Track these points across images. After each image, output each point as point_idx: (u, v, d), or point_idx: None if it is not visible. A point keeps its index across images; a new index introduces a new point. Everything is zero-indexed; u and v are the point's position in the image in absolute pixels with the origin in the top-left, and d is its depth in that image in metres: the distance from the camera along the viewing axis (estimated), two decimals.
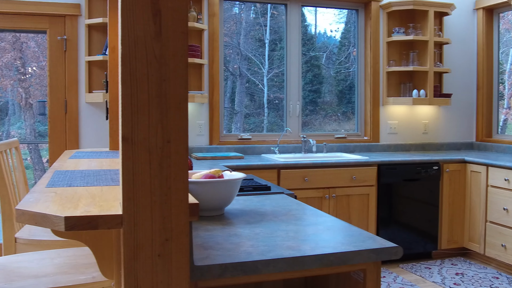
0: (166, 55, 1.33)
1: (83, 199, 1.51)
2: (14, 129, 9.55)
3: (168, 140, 1.33)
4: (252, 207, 2.32)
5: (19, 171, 2.91)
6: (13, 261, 2.15)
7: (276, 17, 5.72)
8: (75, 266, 2.07)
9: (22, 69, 9.37)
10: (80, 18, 4.63)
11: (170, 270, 1.36)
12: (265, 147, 5.14)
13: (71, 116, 4.60)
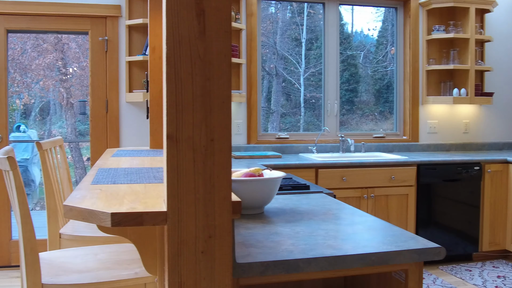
0: (209, 54, 1.35)
1: (128, 196, 1.54)
2: (55, 128, 9.78)
3: (211, 139, 1.34)
4: (292, 206, 2.32)
5: (63, 169, 2.99)
6: (58, 256, 2.21)
7: (313, 16, 5.69)
8: (118, 262, 2.11)
9: (64, 70, 9.59)
10: (121, 19, 4.71)
11: (213, 267, 1.37)
12: (302, 146, 5.13)
13: (112, 115, 4.69)
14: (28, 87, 9.23)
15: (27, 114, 9.36)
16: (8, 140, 4.63)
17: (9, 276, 4.43)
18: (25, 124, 8.88)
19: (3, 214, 4.61)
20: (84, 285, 1.87)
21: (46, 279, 1.89)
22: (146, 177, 1.92)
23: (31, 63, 8.99)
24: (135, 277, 1.93)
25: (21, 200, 1.79)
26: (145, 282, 1.93)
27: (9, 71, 4.73)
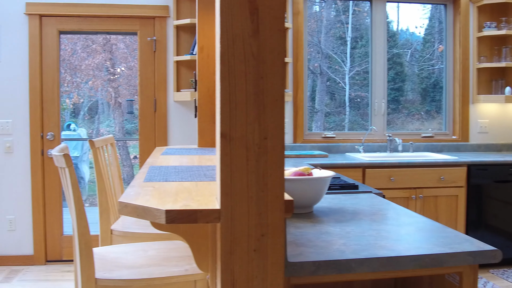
0: (263, 53, 1.35)
1: (181, 193, 1.56)
2: (103, 127, 10.01)
3: (265, 137, 1.34)
4: (341, 205, 2.30)
5: (114, 166, 3.05)
6: (110, 252, 2.25)
7: (357, 14, 5.63)
8: (167, 259, 2.14)
9: (112, 70, 9.80)
10: (169, 19, 4.77)
11: (266, 265, 1.37)
12: (349, 145, 5.08)
13: (160, 114, 4.76)
14: (77, 87, 9.47)
15: (76, 113, 9.61)
16: (60, 138, 4.76)
17: (61, 270, 4.56)
18: (75, 123, 9.12)
19: (55, 210, 4.75)
20: (136, 281, 1.90)
21: (99, 274, 1.93)
22: (196, 175, 1.94)
23: (81, 64, 9.22)
24: (185, 274, 1.95)
25: (76, 196, 1.84)
26: (195, 279, 1.95)
27: (60, 72, 4.86)
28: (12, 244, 4.70)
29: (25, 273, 4.47)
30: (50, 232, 4.75)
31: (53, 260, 4.77)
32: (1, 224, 4.69)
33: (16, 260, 4.69)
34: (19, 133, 4.67)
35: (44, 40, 4.70)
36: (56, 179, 4.73)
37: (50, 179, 4.73)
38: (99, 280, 1.91)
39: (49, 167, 4.72)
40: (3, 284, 4.18)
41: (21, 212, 4.70)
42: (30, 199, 4.69)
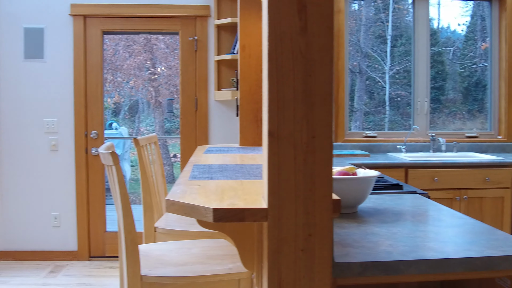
0: (311, 50, 1.33)
1: (227, 192, 1.56)
2: (143, 126, 10.16)
3: (313, 136, 1.33)
4: (386, 206, 2.26)
5: (157, 164, 3.09)
6: (154, 249, 2.28)
7: (398, 12, 5.54)
8: (211, 257, 2.15)
9: (152, 69, 9.93)
10: (210, 19, 4.80)
11: (313, 265, 1.36)
12: (390, 145, 5.00)
13: (201, 113, 4.80)
14: (119, 87, 9.64)
15: (117, 112, 9.78)
16: (103, 137, 4.85)
17: (104, 266, 4.64)
18: (117, 122, 9.28)
19: (98, 207, 4.84)
20: (181, 278, 1.92)
21: (144, 271, 1.96)
22: (241, 174, 1.94)
23: (123, 64, 9.38)
24: (229, 273, 1.95)
25: (122, 193, 1.86)
26: (239, 278, 1.95)
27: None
28: (57, 240, 4.82)
29: (69, 269, 4.57)
30: (93, 228, 4.85)
31: (96, 256, 4.86)
32: (47, 220, 4.81)
33: (61, 256, 4.81)
34: (64, 131, 4.78)
35: (88, 41, 4.80)
36: (99, 176, 4.83)
37: (94, 177, 4.82)
38: (145, 277, 1.93)
39: (93, 165, 4.82)
40: (48, 278, 4.29)
41: (65, 209, 4.81)
42: (75, 196, 4.80)
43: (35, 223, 4.81)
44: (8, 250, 4.81)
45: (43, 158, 4.79)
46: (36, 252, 4.80)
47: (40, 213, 4.81)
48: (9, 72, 4.75)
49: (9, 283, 4.18)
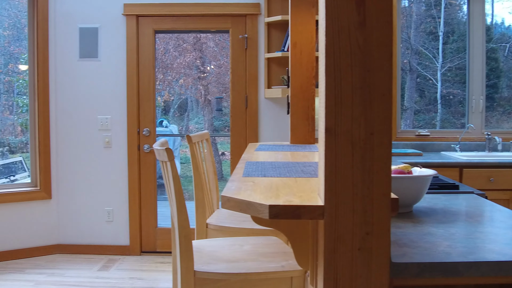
0: (370, 45, 1.30)
1: (281, 189, 1.55)
2: (192, 124, 10.28)
3: (371, 132, 1.30)
4: (441, 205, 2.20)
5: (209, 161, 3.11)
6: (206, 245, 2.29)
7: (449, 8, 5.39)
8: (263, 254, 2.14)
9: (202, 68, 10.03)
10: (260, 16, 4.80)
11: (370, 265, 1.33)
12: (444, 144, 4.87)
13: (251, 111, 4.80)
14: (169, 85, 9.79)
15: (166, 110, 9.93)
16: (155, 134, 4.93)
17: (155, 261, 4.72)
18: (167, 120, 9.42)
19: (149, 203, 4.93)
20: (233, 275, 1.92)
21: (198, 267, 1.97)
22: (294, 171, 1.92)
23: (173, 62, 9.51)
24: (282, 270, 1.94)
25: (177, 189, 1.88)
26: (291, 276, 1.94)
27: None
28: (110, 234, 4.93)
29: (122, 263, 4.66)
30: (145, 224, 4.94)
31: (147, 251, 4.95)
32: (100, 215, 4.93)
33: (113, 250, 4.92)
34: (117, 128, 4.89)
35: (141, 40, 4.88)
36: (151, 173, 4.91)
37: (146, 173, 4.91)
38: (198, 273, 1.94)
39: (145, 161, 4.90)
40: (101, 272, 4.39)
41: (118, 204, 4.92)
42: (127, 192, 4.89)
43: (89, 217, 4.94)
44: (63, 244, 4.96)
45: (97, 155, 4.91)
46: (90, 246, 4.93)
47: (94, 208, 4.93)
48: (65, 71, 4.89)
49: (64, 275, 4.31)
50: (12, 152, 7.14)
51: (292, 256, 2.12)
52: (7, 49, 7.31)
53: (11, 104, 7.31)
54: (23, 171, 7.02)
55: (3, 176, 6.80)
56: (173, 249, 2.44)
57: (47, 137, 4.86)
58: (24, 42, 6.94)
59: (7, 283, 4.14)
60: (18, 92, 7.08)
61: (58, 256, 4.86)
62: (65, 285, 4.09)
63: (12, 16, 7.49)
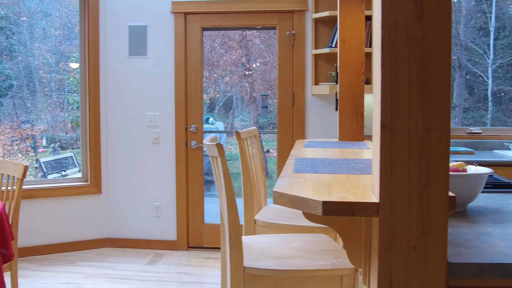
0: (427, 38, 1.26)
1: (334, 185, 1.52)
2: (237, 121, 10.32)
3: (428, 128, 1.26)
4: (497, 205, 2.12)
5: (257, 158, 3.10)
6: (255, 241, 2.29)
7: (501, 2, 5.21)
8: (313, 252, 2.12)
9: (248, 65, 10.05)
10: (307, 12, 4.76)
11: (426, 265, 1.29)
12: (497, 142, 4.72)
13: (298, 108, 4.78)
14: (215, 82, 9.86)
15: (212, 108, 10.00)
16: (202, 131, 4.97)
17: (201, 257, 4.76)
18: (213, 117, 9.49)
19: (196, 199, 4.97)
20: (283, 271, 1.91)
21: (247, 263, 1.97)
22: (345, 168, 1.90)
23: (219, 60, 9.57)
24: (332, 268, 1.91)
25: (227, 184, 1.88)
26: (341, 274, 1.91)
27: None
28: (158, 229, 5.00)
29: (169, 257, 4.73)
30: (192, 219, 4.99)
31: (194, 247, 5.00)
32: (148, 210, 5.00)
33: (161, 245, 4.99)
34: (166, 125, 4.95)
35: (188, 37, 4.92)
36: (198, 169, 4.95)
37: (193, 169, 4.96)
38: (247, 268, 1.94)
39: (192, 157, 4.95)
40: (149, 266, 4.46)
41: (166, 200, 4.98)
42: (175, 187, 4.95)
43: (138, 212, 5.03)
44: (112, 237, 5.06)
45: (146, 151, 4.98)
46: (138, 240, 5.02)
47: (142, 203, 5.02)
48: (115, 68, 4.98)
49: (113, 268, 4.39)
50: (62, 148, 7.33)
51: (342, 254, 2.10)
52: (58, 48, 7.51)
53: (62, 101, 7.52)
54: (74, 166, 7.21)
55: (54, 171, 7.00)
56: (222, 244, 2.45)
57: (98, 133, 4.97)
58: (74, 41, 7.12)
59: (59, 274, 4.26)
60: (69, 90, 7.27)
61: (107, 250, 4.97)
62: (114, 277, 4.17)
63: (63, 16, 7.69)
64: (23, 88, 7.41)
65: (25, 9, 7.37)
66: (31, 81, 7.50)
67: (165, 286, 3.99)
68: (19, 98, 7.53)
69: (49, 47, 7.50)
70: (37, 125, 7.44)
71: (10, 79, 7.23)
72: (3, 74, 7.20)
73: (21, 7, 7.28)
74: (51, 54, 7.43)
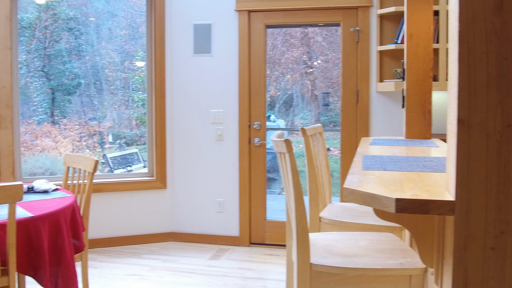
0: (507, 31, 1.22)
1: (405, 183, 1.49)
2: (297, 119, 10.29)
3: (508, 124, 1.22)
4: None
5: (322, 155, 3.09)
6: (321, 239, 2.27)
7: None
8: (380, 250, 2.09)
9: (309, 63, 10.00)
10: (372, 8, 4.68)
11: (504, 266, 1.25)
12: None
13: (362, 105, 4.71)
14: (276, 80, 9.87)
15: (272, 105, 10.02)
16: (265, 128, 4.99)
17: (263, 253, 4.78)
18: (275, 114, 9.51)
19: (259, 195, 5.00)
20: (350, 269, 1.89)
21: (314, 259, 1.96)
22: (415, 165, 1.85)
23: (280, 58, 9.58)
24: (400, 268, 1.88)
25: (295, 180, 1.88)
26: (410, 274, 1.87)
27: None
28: (220, 225, 5.07)
29: (232, 253, 4.78)
30: (254, 216, 5.02)
31: (256, 243, 5.03)
32: (211, 206, 5.08)
33: (224, 240, 5.05)
34: (229, 122, 5.00)
35: (252, 34, 4.95)
36: (261, 166, 4.97)
37: (256, 166, 4.98)
38: (314, 265, 1.93)
39: (255, 154, 4.98)
40: (212, 261, 4.52)
41: (229, 196, 5.04)
42: (238, 184, 5.00)
43: (201, 208, 5.11)
44: (176, 232, 5.17)
45: (210, 147, 5.06)
46: (201, 235, 5.10)
47: (206, 198, 5.09)
48: (180, 66, 5.08)
49: (177, 262, 4.49)
50: (127, 144, 7.56)
51: (410, 253, 2.05)
52: (123, 47, 7.73)
53: (127, 99, 7.74)
54: (139, 162, 7.41)
55: (120, 166, 7.22)
56: (288, 241, 2.45)
57: (163, 130, 5.09)
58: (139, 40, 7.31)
59: (125, 266, 4.39)
60: (134, 88, 7.47)
61: (171, 244, 5.08)
62: (178, 271, 4.26)
63: (128, 16, 7.91)
64: (90, 86, 7.68)
65: (93, 10, 7.63)
66: (98, 79, 7.77)
67: (228, 281, 4.04)
68: (86, 96, 7.82)
69: (115, 47, 7.74)
70: (103, 122, 7.70)
71: (78, 78, 7.52)
72: (71, 73, 7.50)
73: (89, 8, 7.55)
74: (117, 53, 7.66)
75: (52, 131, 7.32)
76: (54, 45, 7.36)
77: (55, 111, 7.55)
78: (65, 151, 6.93)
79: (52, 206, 2.73)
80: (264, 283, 4.00)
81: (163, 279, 4.08)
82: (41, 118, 7.35)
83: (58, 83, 7.41)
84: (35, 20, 7.22)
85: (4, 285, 2.40)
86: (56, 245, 2.67)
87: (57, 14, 7.35)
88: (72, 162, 3.52)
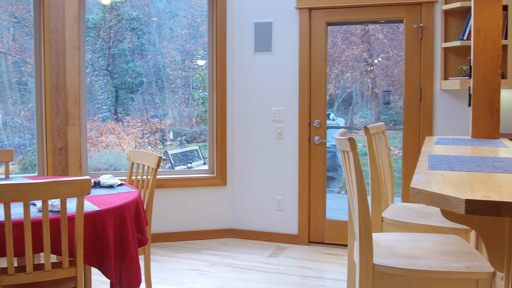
0: None
1: (475, 184, 1.45)
2: (356, 118, 10.16)
3: None
4: None
5: (385, 154, 3.04)
6: (383, 239, 2.25)
7: None
8: (445, 253, 2.04)
9: (370, 61, 9.85)
10: (437, 4, 4.57)
11: None
12: None
13: (425, 104, 4.61)
14: (335, 78, 9.78)
15: (331, 104, 9.93)
16: (326, 126, 4.96)
17: (322, 252, 4.76)
18: (334, 113, 9.44)
19: (318, 194, 4.98)
20: (413, 271, 1.86)
21: (376, 260, 1.94)
22: (484, 166, 1.80)
23: (340, 56, 9.48)
24: (467, 271, 1.83)
25: (359, 180, 1.86)
26: (477, 278, 1.82)
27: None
28: (279, 222, 5.08)
29: (290, 251, 4.78)
30: (313, 214, 5.00)
31: (315, 242, 5.01)
32: (271, 204, 5.10)
33: (282, 238, 5.06)
34: (289, 120, 5.01)
35: (313, 32, 4.93)
36: (321, 164, 4.95)
37: (316, 165, 4.97)
38: (376, 266, 1.91)
39: (315, 153, 4.96)
40: (271, 258, 4.54)
41: (288, 194, 5.05)
42: (297, 182, 5.00)
43: (261, 205, 5.14)
44: (236, 228, 5.22)
45: (270, 145, 5.08)
46: (260, 232, 5.13)
47: (265, 196, 5.12)
48: (241, 64, 5.13)
49: (237, 259, 4.54)
50: (187, 141, 7.68)
51: (477, 256, 1.99)
52: (184, 46, 7.86)
53: (187, 97, 7.87)
54: (199, 159, 7.52)
55: (181, 163, 7.35)
56: (350, 241, 2.43)
57: (224, 127, 5.15)
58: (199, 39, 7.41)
59: (186, 261, 4.48)
60: (194, 86, 7.59)
61: (230, 240, 5.14)
62: (238, 267, 4.30)
63: (189, 16, 8.04)
64: (152, 85, 7.86)
65: (155, 10, 7.80)
66: (159, 78, 7.93)
67: (286, 279, 4.05)
68: (148, 94, 8.00)
69: (176, 46, 7.88)
70: (164, 119, 7.87)
71: (140, 76, 7.71)
72: (134, 72, 7.69)
73: (151, 9, 7.72)
74: (178, 52, 7.80)
75: (116, 128, 7.54)
76: (118, 44, 7.58)
77: (118, 109, 7.77)
78: (128, 148, 7.12)
79: (118, 200, 2.81)
80: (323, 283, 3.99)
81: (222, 275, 4.14)
82: (105, 115, 7.58)
83: (121, 81, 7.63)
84: (100, 20, 7.45)
85: (72, 275, 2.49)
86: (121, 239, 2.75)
87: (120, 14, 7.55)
88: (136, 158, 3.62)
